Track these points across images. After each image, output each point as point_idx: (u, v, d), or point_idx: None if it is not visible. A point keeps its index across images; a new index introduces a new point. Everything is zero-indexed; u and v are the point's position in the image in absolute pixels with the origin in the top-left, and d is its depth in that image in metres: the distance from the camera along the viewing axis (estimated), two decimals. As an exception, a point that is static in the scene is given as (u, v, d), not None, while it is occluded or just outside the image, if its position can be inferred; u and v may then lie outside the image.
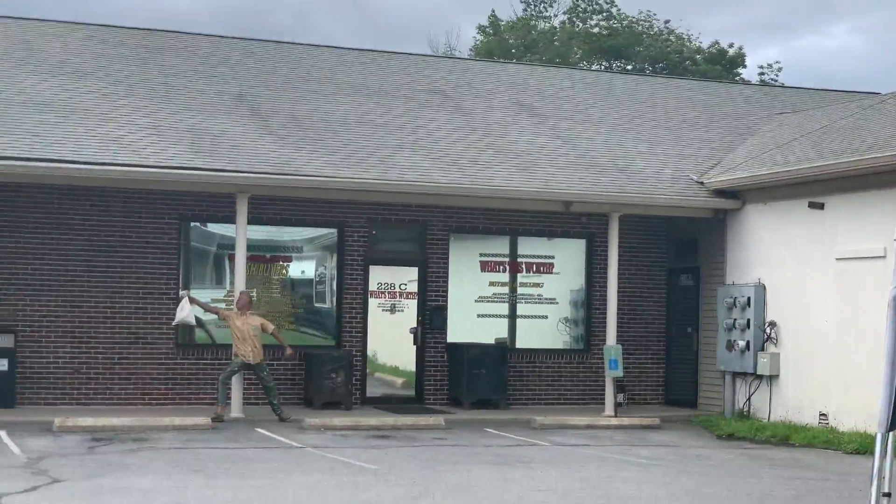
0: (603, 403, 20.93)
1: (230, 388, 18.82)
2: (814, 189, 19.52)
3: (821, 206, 19.31)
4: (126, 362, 19.87)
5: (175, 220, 20.31)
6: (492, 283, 22.32)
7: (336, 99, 23.01)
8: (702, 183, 21.68)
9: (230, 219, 19.50)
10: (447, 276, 21.85)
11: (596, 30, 49.21)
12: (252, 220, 19.44)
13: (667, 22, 49.10)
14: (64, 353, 19.55)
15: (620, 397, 20.73)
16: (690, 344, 22.54)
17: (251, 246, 19.75)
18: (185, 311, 18.76)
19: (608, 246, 21.18)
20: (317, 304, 21.60)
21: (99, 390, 19.69)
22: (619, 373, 20.53)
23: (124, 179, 18.46)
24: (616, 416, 20.31)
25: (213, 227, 20.85)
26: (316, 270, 21.62)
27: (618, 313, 21.18)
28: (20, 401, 19.09)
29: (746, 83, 39.80)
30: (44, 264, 19.53)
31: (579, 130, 23.80)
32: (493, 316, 22.30)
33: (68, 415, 17.76)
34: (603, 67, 46.70)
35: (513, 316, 22.44)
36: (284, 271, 21.27)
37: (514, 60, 42.92)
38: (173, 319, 19.20)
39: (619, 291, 21.23)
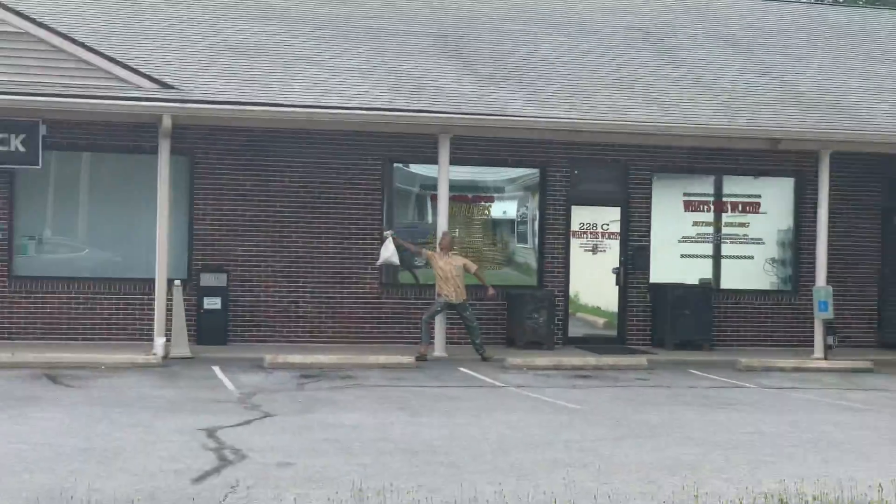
0: (811, 346, 20.39)
1: (433, 328, 19.06)
2: None
3: None
4: (332, 301, 20.30)
5: (378, 162, 20.58)
6: (695, 223, 21.96)
7: (538, 38, 22.87)
8: (918, 118, 20.81)
9: (432, 160, 19.65)
10: (650, 216, 21.59)
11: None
12: (454, 161, 19.53)
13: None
14: (273, 292, 20.10)
15: (830, 339, 20.17)
16: (905, 285, 21.78)
17: (453, 186, 19.86)
18: (390, 251, 19.04)
19: (818, 185, 20.50)
20: (518, 245, 21.63)
21: (306, 328, 20.19)
22: (830, 314, 19.96)
23: (330, 122, 18.77)
24: (826, 358, 19.79)
25: (415, 168, 21.06)
26: (517, 211, 21.63)
27: (828, 254, 20.54)
28: (232, 338, 19.73)
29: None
30: (253, 205, 20.06)
31: (788, 65, 23.10)
32: (696, 256, 21.96)
33: (278, 352, 18.28)
34: (813, 0, 45.18)
35: (717, 256, 22.05)
36: (486, 212, 21.34)
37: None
38: (378, 259, 19.52)
39: (829, 231, 20.59)
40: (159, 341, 17.84)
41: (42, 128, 18.17)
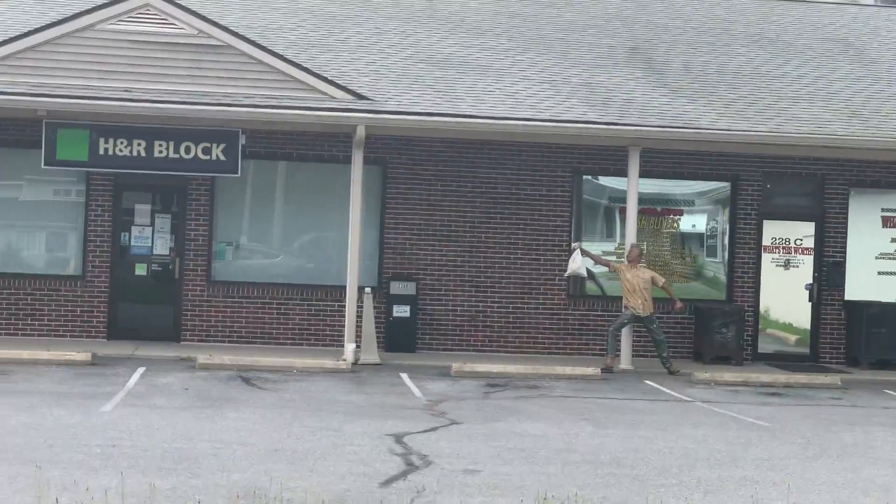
0: None
1: (620, 340, 18.98)
2: None
3: None
4: (519, 312, 20.40)
5: (568, 174, 20.60)
6: (894, 240, 21.32)
7: (731, 50, 22.58)
8: None
9: (622, 172, 19.58)
10: (846, 232, 21.06)
11: None
12: (643, 174, 19.42)
13: None
14: (462, 301, 20.30)
15: None
16: None
17: (642, 199, 19.74)
18: (577, 263, 19.04)
19: None
20: (707, 258, 21.37)
21: (493, 338, 20.33)
22: None
23: (521, 133, 18.89)
24: None
25: (604, 181, 21.00)
26: (707, 224, 21.37)
27: None
28: (420, 346, 20.00)
29: None
30: (443, 215, 20.30)
31: None
32: (894, 274, 21.31)
33: (465, 360, 18.45)
34: None
35: (917, 274, 21.38)
36: (675, 225, 21.15)
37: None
38: (565, 271, 19.53)
39: None
40: (349, 347, 18.22)
41: (242, 138, 18.76)
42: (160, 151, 18.47)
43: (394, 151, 20.20)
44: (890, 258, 21.28)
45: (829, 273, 20.94)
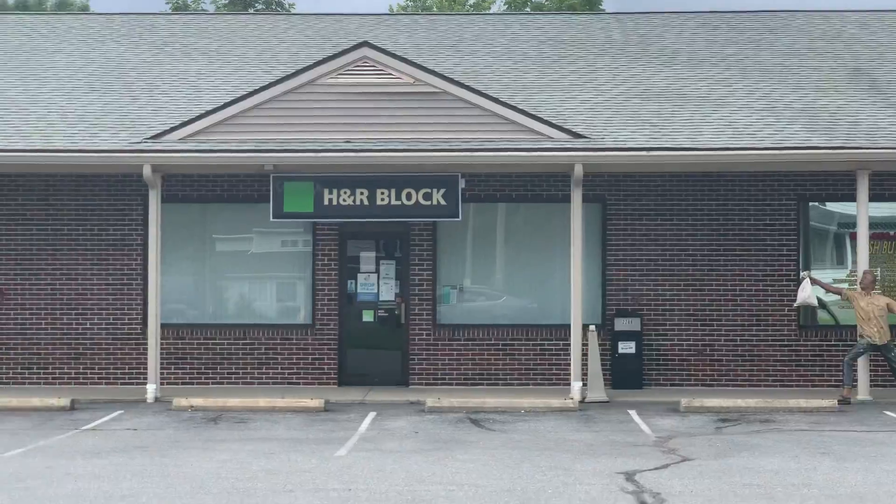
0: None
1: (856, 370, 18.36)
2: None
3: None
4: (748, 344, 19.98)
5: (793, 201, 20.12)
6: None
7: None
8: None
9: (850, 196, 19.02)
10: None
11: None
12: (874, 197, 18.79)
13: None
14: (687, 335, 20.01)
15: None
16: None
17: (873, 223, 19.10)
18: (807, 292, 18.55)
19: None
20: (944, 282, 20.50)
21: (722, 371, 19.96)
22: None
23: (742, 162, 18.57)
24: None
25: (831, 206, 20.43)
26: (943, 246, 20.52)
27: None
28: (646, 382, 19.79)
29: None
30: (665, 249, 20.09)
31: None
32: None
33: (693, 395, 18.17)
34: None
35: None
36: (909, 249, 20.40)
37: None
38: (795, 300, 19.05)
39: None
40: (576, 386, 18.16)
41: (461, 181, 18.99)
42: (382, 199, 18.85)
43: (612, 188, 20.12)
44: None
45: None
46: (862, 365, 18.40)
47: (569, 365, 18.74)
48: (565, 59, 22.45)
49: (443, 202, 18.90)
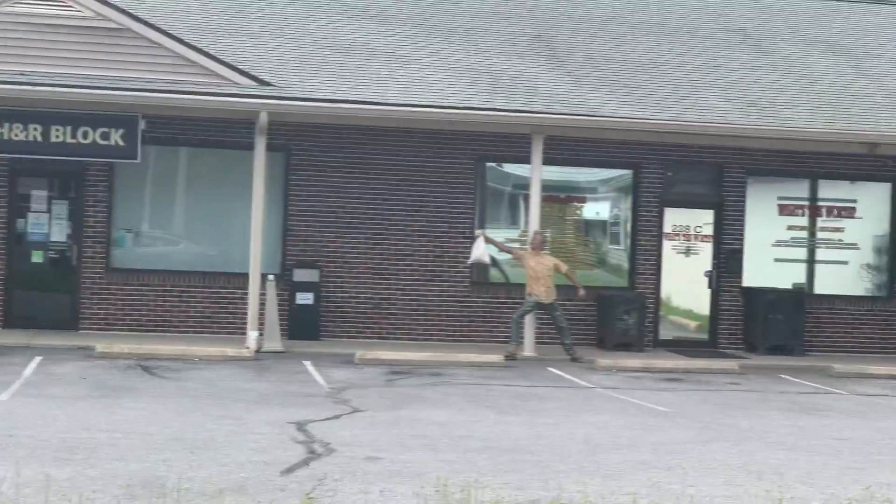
0: (907, 354, 20.13)
1: (523, 327, 19.09)
2: None
3: None
4: (423, 299, 20.42)
5: (471, 161, 20.65)
6: (790, 227, 21.72)
7: (632, 39, 22.78)
8: None
9: (525, 159, 19.68)
10: (743, 220, 21.40)
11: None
12: (547, 161, 19.55)
13: None
14: (365, 288, 20.26)
15: (926, 348, 19.90)
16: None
17: (546, 186, 19.87)
18: (481, 250, 19.10)
19: (916, 190, 20.26)
20: (610, 246, 21.57)
21: (397, 325, 20.33)
22: (926, 322, 19.69)
23: (425, 120, 18.89)
24: (921, 367, 19.50)
25: (508, 168, 21.10)
26: (610, 212, 21.57)
27: (925, 260, 20.27)
28: (323, 334, 19.93)
29: None
30: (347, 202, 20.24)
31: (887, 69, 22.73)
32: (790, 260, 21.72)
33: (368, 348, 18.44)
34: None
35: (811, 261, 21.79)
36: (578, 212, 21.31)
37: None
38: (469, 258, 19.58)
39: (927, 238, 20.30)
40: (252, 335, 18.10)
41: (141, 123, 18.51)
42: (57, 136, 18.15)
43: (297, 138, 20.09)
44: (786, 245, 21.68)
45: (727, 260, 21.27)
46: (529, 323, 19.14)
47: (246, 314, 18.64)
48: (255, 6, 22.18)
49: (121, 143, 18.39)
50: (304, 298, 19.62)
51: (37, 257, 19.59)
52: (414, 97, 18.82)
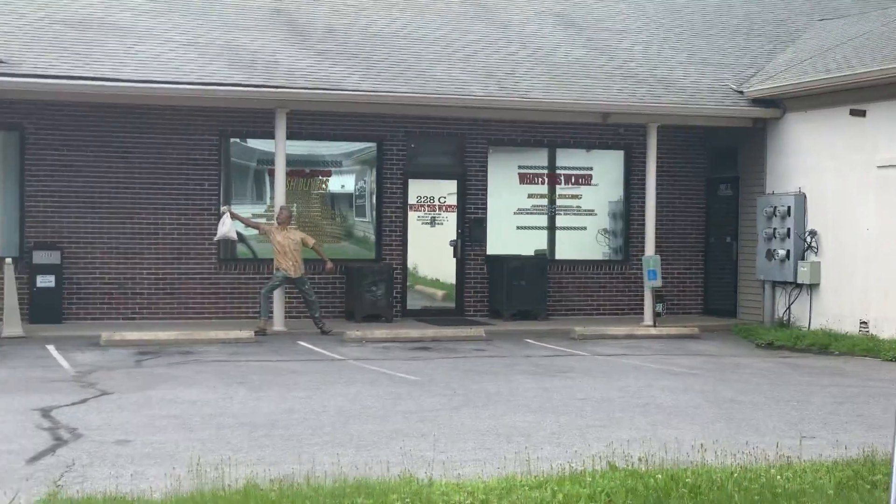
0: (642, 314, 21.05)
1: (272, 302, 19.08)
2: (855, 96, 19.35)
3: (862, 114, 19.14)
4: (170, 278, 20.14)
5: (215, 137, 20.45)
6: (530, 196, 22.38)
7: (373, 12, 22.93)
8: (741, 92, 21.52)
9: (269, 134, 19.62)
10: (486, 189, 21.91)
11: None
12: (291, 136, 19.55)
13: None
14: (109, 269, 19.84)
15: (659, 307, 20.87)
16: (730, 254, 22.56)
17: (291, 161, 19.87)
18: (227, 227, 18.96)
19: (646, 157, 21.18)
20: (357, 218, 21.75)
21: (144, 305, 20.00)
22: (658, 283, 20.64)
23: (165, 97, 18.58)
24: (655, 326, 20.44)
25: (252, 143, 20.99)
26: (355, 185, 21.73)
27: (656, 224, 21.25)
28: (67, 316, 19.43)
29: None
30: (88, 182, 19.75)
31: (616, 41, 23.63)
32: (532, 228, 22.38)
33: (115, 329, 18.09)
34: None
35: (552, 228, 22.51)
36: (324, 186, 21.40)
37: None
38: (215, 235, 19.42)
39: (657, 202, 21.27)
40: (-9, 321, 17.50)
41: None
42: None
43: (32, 116, 19.45)
44: (527, 213, 22.32)
45: (471, 229, 21.75)
46: (278, 297, 19.14)
47: (-17, 300, 18.00)
48: (-18, -21, 21.29)
49: None
50: (45, 281, 19.07)
51: None
52: (153, 73, 18.48)
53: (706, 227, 23.14)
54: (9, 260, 18.06)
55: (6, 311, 17.69)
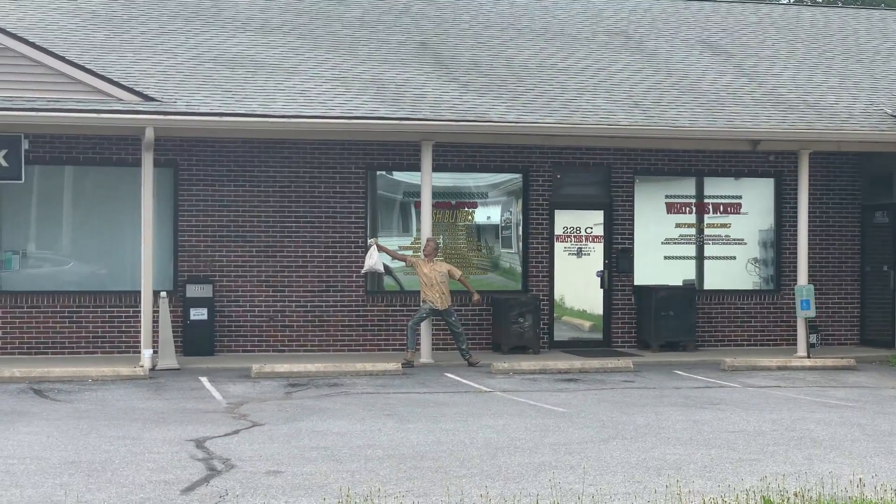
0: (794, 345, 20.58)
1: (419, 334, 19.14)
2: None
3: None
4: (318, 310, 20.37)
5: (362, 170, 20.66)
6: (678, 225, 22.09)
7: (517, 44, 22.98)
8: (896, 116, 20.99)
9: (415, 167, 19.76)
10: (633, 219, 21.71)
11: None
12: (437, 168, 19.65)
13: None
14: (259, 301, 20.16)
15: (813, 338, 20.37)
16: (887, 283, 21.92)
17: (436, 193, 19.97)
18: (374, 259, 19.11)
19: (798, 184, 20.69)
20: (503, 250, 21.73)
21: (293, 337, 20.25)
22: (812, 313, 20.13)
23: (312, 131, 18.85)
24: (808, 357, 19.94)
25: (398, 176, 21.14)
26: (501, 216, 21.73)
27: (809, 252, 20.76)
28: (218, 349, 19.78)
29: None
30: (238, 216, 20.12)
31: (765, 67, 23.25)
32: (679, 258, 22.09)
33: (265, 361, 18.34)
34: (792, 0, 45.39)
35: (700, 257, 22.19)
36: (470, 217, 21.44)
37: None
38: (362, 267, 19.58)
39: (809, 230, 20.79)
40: (146, 353, 17.88)
41: (24, 142, 18.19)
42: (-62, 159, 17.80)
43: (185, 153, 19.92)
44: (675, 243, 22.04)
45: (618, 260, 21.56)
46: (425, 329, 19.19)
47: (139, 332, 18.44)
48: (136, 21, 21.93)
49: (4, 164, 18.07)
50: (198, 314, 19.45)
51: (-80, 283, 19.15)
52: (301, 108, 18.77)
53: (861, 255, 22.54)
54: (164, 294, 18.48)
55: (161, 343, 18.08)
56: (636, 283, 21.62)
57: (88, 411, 14.03)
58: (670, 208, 22.09)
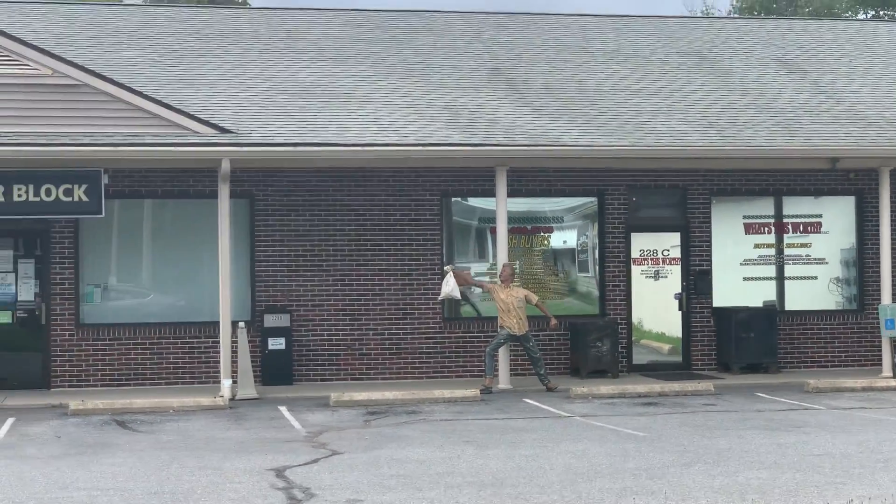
0: (879, 365, 20.21)
1: (497, 360, 19.07)
2: None
3: None
4: (396, 337, 20.38)
5: (436, 196, 20.68)
6: (757, 245, 21.83)
7: (590, 67, 22.92)
8: (978, 131, 20.58)
9: (490, 192, 19.74)
10: (710, 240, 21.49)
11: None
12: (512, 193, 19.60)
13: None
14: (337, 330, 20.21)
15: (898, 358, 19.99)
16: (972, 300, 21.47)
17: (512, 218, 19.92)
18: (450, 286, 19.09)
19: (879, 201, 20.36)
20: (580, 274, 21.61)
21: (371, 365, 20.28)
22: (896, 332, 19.79)
23: (386, 158, 18.92)
24: (894, 377, 19.56)
25: (473, 202, 21.13)
26: (577, 240, 21.62)
27: (893, 271, 20.37)
28: (297, 378, 19.85)
29: None
30: (313, 245, 20.22)
31: (843, 84, 22.96)
32: (759, 279, 21.82)
33: (343, 390, 18.38)
34: (869, 16, 44.84)
35: (780, 277, 21.90)
36: (546, 242, 21.36)
37: (774, 16, 41.72)
38: (439, 294, 19.57)
39: (893, 248, 20.43)
40: (226, 383, 18.00)
41: (104, 177, 18.44)
42: (20, 195, 18.04)
43: (260, 183, 20.07)
44: (754, 264, 21.78)
45: (696, 281, 21.34)
46: (502, 355, 19.12)
47: (219, 363, 18.57)
48: (211, 54, 22.19)
49: (85, 198, 18.31)
50: (276, 343, 19.55)
51: (4, 318, 19.45)
52: (375, 136, 18.85)
53: (946, 272, 22.09)
54: (242, 324, 18.61)
55: (240, 373, 18.20)
56: (715, 304, 21.38)
57: (170, 442, 14.14)
58: (748, 228, 21.84)
